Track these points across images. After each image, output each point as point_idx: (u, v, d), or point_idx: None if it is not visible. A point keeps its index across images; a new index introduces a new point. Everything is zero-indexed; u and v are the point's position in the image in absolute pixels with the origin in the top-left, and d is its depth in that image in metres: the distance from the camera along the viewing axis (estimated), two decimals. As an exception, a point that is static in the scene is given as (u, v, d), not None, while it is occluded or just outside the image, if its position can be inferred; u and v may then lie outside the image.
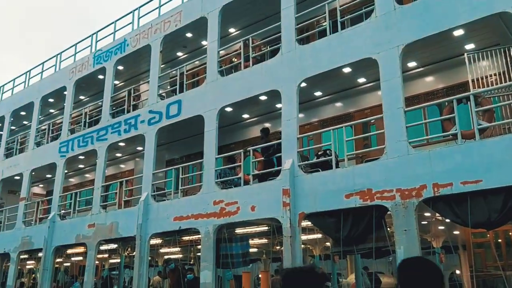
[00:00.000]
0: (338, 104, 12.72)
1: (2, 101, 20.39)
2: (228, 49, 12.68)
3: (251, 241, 11.49)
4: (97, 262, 13.66)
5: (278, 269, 13.29)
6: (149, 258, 12.01)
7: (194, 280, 10.97)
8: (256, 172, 10.27)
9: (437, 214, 8.75)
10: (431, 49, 9.92)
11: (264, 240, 11.94)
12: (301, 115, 11.09)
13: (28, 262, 17.79)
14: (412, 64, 10.64)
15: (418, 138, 8.92)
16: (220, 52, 12.04)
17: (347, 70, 10.35)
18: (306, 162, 9.80)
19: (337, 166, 8.97)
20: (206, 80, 11.92)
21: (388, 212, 7.90)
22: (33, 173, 16.99)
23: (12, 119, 19.44)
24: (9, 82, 20.25)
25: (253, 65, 11.03)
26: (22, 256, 16.07)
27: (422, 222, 9.93)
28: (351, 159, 9.45)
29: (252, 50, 11.21)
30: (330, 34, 9.73)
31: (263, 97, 11.43)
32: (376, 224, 7.95)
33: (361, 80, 11.57)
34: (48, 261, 14.23)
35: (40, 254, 15.07)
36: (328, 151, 9.34)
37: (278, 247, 11.21)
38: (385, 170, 8.03)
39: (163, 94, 13.44)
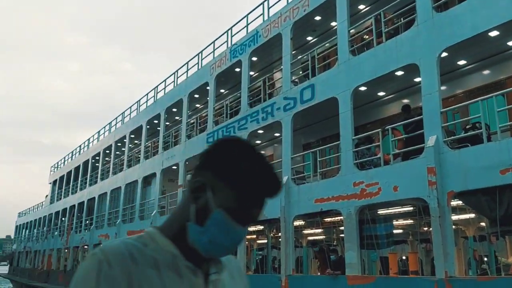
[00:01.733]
0: (486, 72, 11.50)
1: (157, 100, 23.00)
2: (359, 27, 12.36)
3: (395, 222, 11.18)
4: (246, 242, 14.68)
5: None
6: (294, 239, 12.51)
7: (338, 261, 11.12)
8: (397, 151, 9.92)
9: None
10: None
11: (409, 221, 11.49)
12: (443, 88, 10.32)
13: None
14: None
15: None
16: (351, 31, 11.82)
17: (494, 33, 9.29)
18: (453, 137, 9.13)
19: (488, 140, 8.19)
20: (338, 61, 11.84)
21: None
22: (186, 163, 18.90)
23: (166, 115, 21.84)
24: (161, 82, 22.74)
25: (386, 40, 10.60)
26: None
27: None
28: (504, 131, 8.53)
29: (384, 25, 10.77)
30: (472, -5, 8.84)
31: (399, 73, 10.92)
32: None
33: (512, 42, 10.28)
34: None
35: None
36: (477, 124, 8.57)
37: (425, 228, 10.70)
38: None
39: (296, 80, 13.73)
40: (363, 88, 11.67)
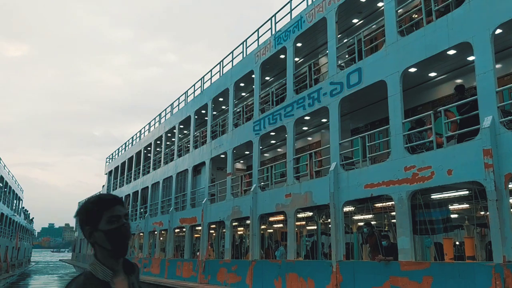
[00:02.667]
0: (548, 46, 10.81)
1: (204, 90, 23.40)
2: (407, 7, 11.96)
3: (450, 207, 10.87)
4: (296, 229, 14.78)
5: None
6: (344, 225, 12.46)
7: (390, 246, 10.97)
8: (451, 133, 9.60)
9: None
10: None
11: (465, 205, 11.12)
12: (498, 66, 9.85)
13: (238, 228, 20.32)
14: None
15: None
16: (398, 11, 11.46)
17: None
18: (509, 117, 8.71)
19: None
20: (386, 43, 11.54)
21: None
22: (234, 151, 19.19)
23: (213, 105, 22.20)
24: (207, 73, 23.08)
25: (436, 19, 10.20)
26: (234, 223, 18.44)
27: None
28: None
29: (434, 3, 10.36)
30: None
31: (451, 52, 10.49)
32: None
33: None
34: (255, 227, 16.05)
35: (248, 222, 17.11)
36: (537, 103, 8.11)
37: (482, 213, 10.32)
38: None
39: (342, 64, 13.52)
40: (412, 70, 11.33)
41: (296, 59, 16.69)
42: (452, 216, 11.08)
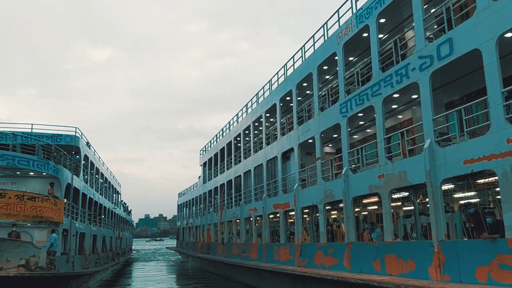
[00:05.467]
0: None
1: (287, 77, 23.62)
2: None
3: None
4: (392, 210, 14.48)
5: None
6: (444, 203, 11.98)
7: (496, 224, 10.35)
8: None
9: None
10: None
11: None
12: None
13: (332, 212, 20.36)
14: None
15: None
16: (490, -28, 10.63)
17: None
18: None
19: None
20: (477, 8, 10.78)
21: None
22: (322, 135, 19.21)
23: (297, 91, 22.34)
24: (290, 59, 23.24)
25: (535, -25, 9.31)
26: (327, 207, 18.54)
27: None
28: None
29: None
30: None
31: (555, 9, 9.53)
32: None
33: None
34: (349, 210, 16.02)
35: (341, 205, 17.11)
36: None
37: None
38: None
39: (431, 36, 12.86)
40: (509, 35, 10.46)
41: (380, 35, 16.18)
42: None
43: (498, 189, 10.20)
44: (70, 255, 21.90)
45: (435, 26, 12.99)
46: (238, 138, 32.85)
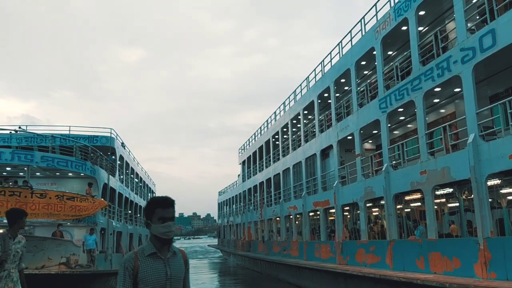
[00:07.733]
0: None
1: (325, 74, 23.46)
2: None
3: None
4: (436, 206, 14.14)
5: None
6: (490, 200, 11.60)
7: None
8: None
9: None
10: None
11: None
12: None
13: (373, 209, 20.09)
14: None
15: None
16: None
17: None
18: None
19: None
20: (523, -4, 10.35)
21: None
22: (361, 132, 18.96)
23: (335, 87, 22.15)
24: (327, 56, 23.06)
25: None
26: (367, 204, 18.31)
27: None
28: None
29: None
30: None
31: None
32: None
33: None
34: (390, 207, 15.76)
35: (382, 202, 16.86)
36: None
37: None
38: None
39: (473, 27, 12.46)
40: (559, 22, 10.01)
41: (420, 28, 15.80)
42: None
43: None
44: (108, 253, 22.65)
45: (477, 17, 12.57)
46: (276, 136, 32.92)
